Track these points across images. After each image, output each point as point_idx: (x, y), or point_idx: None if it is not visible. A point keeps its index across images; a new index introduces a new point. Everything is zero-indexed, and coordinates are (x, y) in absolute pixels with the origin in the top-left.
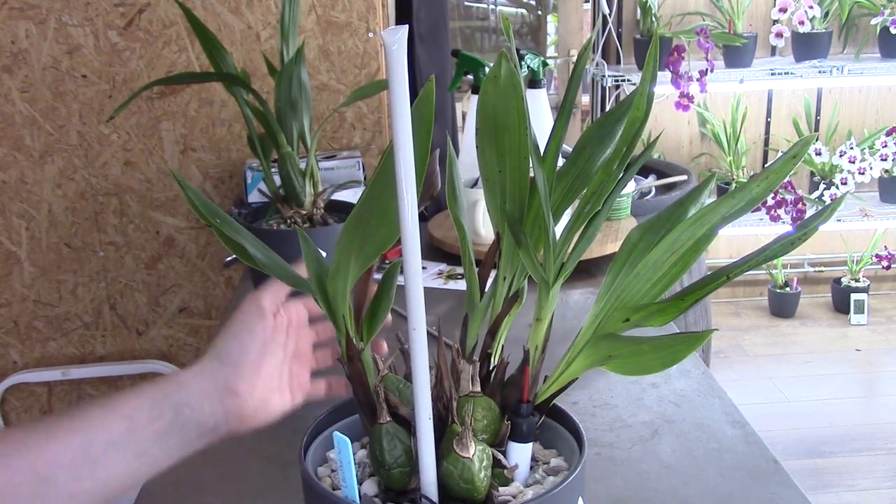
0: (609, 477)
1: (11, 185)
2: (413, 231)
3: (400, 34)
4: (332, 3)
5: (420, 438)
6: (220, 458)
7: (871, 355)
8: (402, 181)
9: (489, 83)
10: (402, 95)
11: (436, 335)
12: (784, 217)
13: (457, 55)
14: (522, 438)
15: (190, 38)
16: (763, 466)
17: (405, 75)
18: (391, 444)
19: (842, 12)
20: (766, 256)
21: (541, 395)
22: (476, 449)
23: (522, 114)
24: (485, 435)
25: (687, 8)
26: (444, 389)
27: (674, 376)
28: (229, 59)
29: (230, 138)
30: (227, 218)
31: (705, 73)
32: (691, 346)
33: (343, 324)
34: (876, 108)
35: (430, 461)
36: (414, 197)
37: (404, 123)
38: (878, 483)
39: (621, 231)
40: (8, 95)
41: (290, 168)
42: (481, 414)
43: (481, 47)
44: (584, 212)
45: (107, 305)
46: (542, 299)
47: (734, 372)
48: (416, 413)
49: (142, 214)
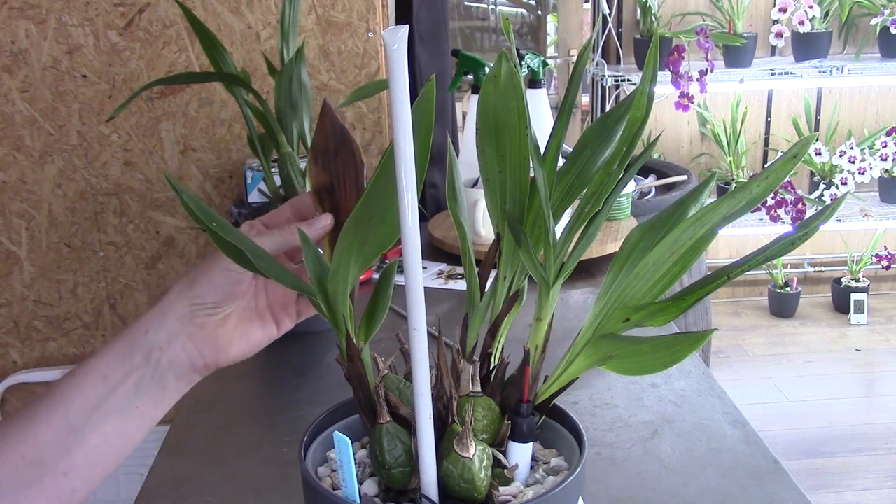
0: (609, 477)
1: (11, 185)
2: (413, 231)
3: (400, 34)
4: (332, 3)
5: (420, 438)
6: (220, 458)
7: (871, 355)
8: (402, 181)
9: (490, 83)
10: (402, 95)
11: (436, 335)
12: (784, 217)
13: (457, 55)
14: (523, 438)
15: (190, 38)
16: (763, 466)
17: (406, 75)
18: (391, 444)
19: (842, 12)
20: (767, 256)
21: (541, 395)
22: (476, 449)
23: (523, 114)
24: (485, 435)
25: (687, 8)
26: (444, 389)
27: (674, 376)
28: (229, 59)
29: (230, 138)
30: (222, 221)
31: (705, 73)
32: (692, 347)
33: (343, 324)
34: (876, 108)
35: (431, 461)
36: (414, 197)
37: (405, 123)
38: (878, 483)
39: (621, 231)
40: (8, 95)
41: (291, 168)
42: (481, 414)
43: (481, 47)
44: (584, 212)
45: (107, 305)
46: (543, 299)
47: (734, 372)
48: (416, 413)
49: (142, 214)
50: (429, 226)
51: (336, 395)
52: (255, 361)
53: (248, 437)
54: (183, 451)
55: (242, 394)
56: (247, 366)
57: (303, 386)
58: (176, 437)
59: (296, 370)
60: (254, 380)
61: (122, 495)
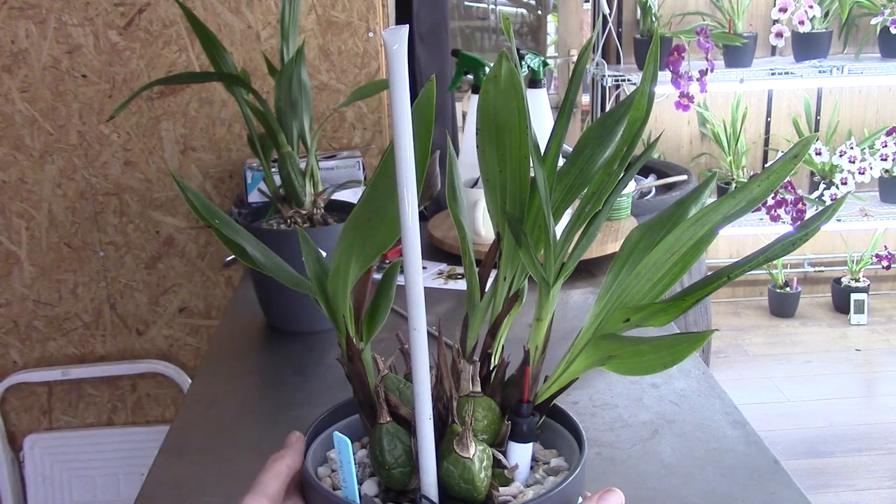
0: (609, 477)
1: (11, 185)
2: (413, 231)
3: (401, 34)
4: (332, 3)
5: (420, 439)
6: (220, 458)
7: (871, 355)
8: (402, 181)
9: (490, 83)
10: (402, 95)
11: (436, 335)
12: (784, 217)
13: (457, 55)
14: (523, 438)
15: (190, 38)
16: (763, 466)
17: (406, 75)
18: (391, 444)
19: (842, 12)
20: (767, 257)
21: (541, 396)
22: (476, 449)
23: (523, 114)
24: (485, 435)
25: (687, 8)
26: (444, 389)
27: (674, 376)
28: (229, 59)
29: (230, 138)
30: (226, 219)
31: (705, 73)
32: (692, 347)
33: (343, 324)
34: (876, 108)
35: (431, 461)
36: (414, 197)
37: (405, 123)
38: (878, 483)
39: (621, 231)
40: (8, 95)
41: (291, 168)
42: (482, 414)
43: (481, 47)
44: (584, 212)
45: (107, 305)
46: (543, 299)
47: (734, 372)
48: (416, 413)
49: (142, 214)
50: (429, 226)
51: (336, 395)
52: (255, 361)
53: (248, 437)
54: (183, 451)
55: (242, 394)
56: (247, 366)
57: (303, 386)
58: (176, 437)
59: (296, 370)
60: (254, 380)
61: (122, 495)
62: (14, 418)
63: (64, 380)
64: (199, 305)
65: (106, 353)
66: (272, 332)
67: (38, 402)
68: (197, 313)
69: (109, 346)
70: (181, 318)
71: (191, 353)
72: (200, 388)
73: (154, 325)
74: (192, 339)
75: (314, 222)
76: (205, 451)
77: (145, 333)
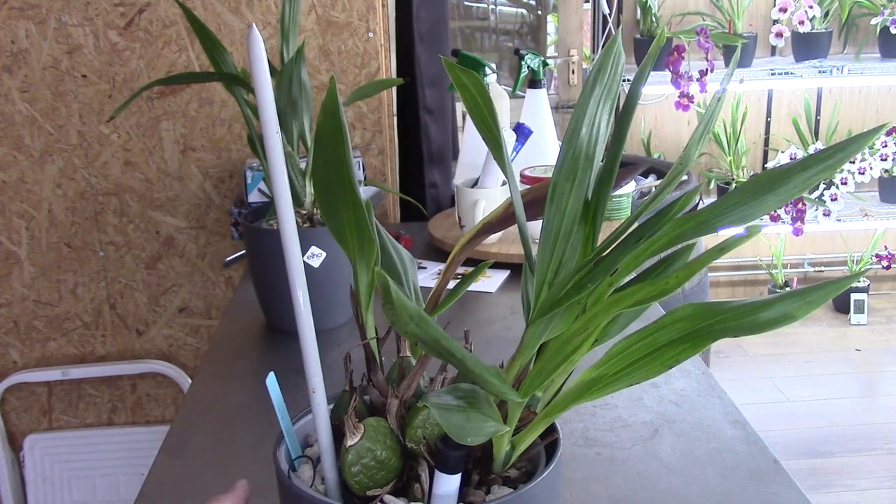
0: (609, 477)
1: (11, 185)
2: (298, 268)
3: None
4: (332, 3)
5: (317, 422)
6: (220, 458)
7: (871, 355)
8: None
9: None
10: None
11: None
12: (784, 217)
13: (457, 55)
14: (449, 469)
15: (190, 38)
16: (763, 466)
17: (267, 73)
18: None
19: (842, 12)
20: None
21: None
22: (357, 444)
23: None
24: (386, 452)
25: (687, 8)
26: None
27: (674, 376)
28: (229, 59)
29: (230, 138)
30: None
31: (705, 73)
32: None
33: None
34: (876, 108)
35: (331, 459)
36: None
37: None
38: (878, 483)
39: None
40: (8, 95)
41: (291, 168)
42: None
43: (481, 47)
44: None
45: (107, 305)
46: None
47: (734, 372)
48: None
49: (142, 214)
50: (429, 226)
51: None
52: (255, 361)
53: (248, 437)
54: (183, 451)
55: (242, 394)
56: (247, 366)
57: (303, 386)
58: (176, 437)
59: (296, 370)
60: (254, 380)
61: (122, 495)
62: (14, 418)
63: (64, 380)
64: (199, 305)
65: (106, 353)
66: (272, 332)
67: (38, 402)
68: (197, 313)
69: (109, 346)
70: (181, 318)
71: (191, 353)
72: (200, 388)
73: (154, 325)
74: (192, 339)
75: (314, 222)
76: (205, 451)
77: (145, 333)
